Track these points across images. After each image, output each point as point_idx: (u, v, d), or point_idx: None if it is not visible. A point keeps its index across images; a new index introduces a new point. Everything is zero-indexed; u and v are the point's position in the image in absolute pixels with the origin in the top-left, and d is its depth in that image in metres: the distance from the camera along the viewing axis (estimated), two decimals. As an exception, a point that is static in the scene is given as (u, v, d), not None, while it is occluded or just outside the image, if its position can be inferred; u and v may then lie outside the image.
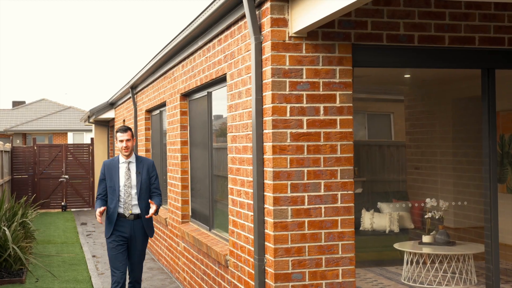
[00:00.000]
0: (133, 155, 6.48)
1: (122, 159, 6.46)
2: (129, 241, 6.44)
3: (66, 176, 20.11)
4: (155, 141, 11.92)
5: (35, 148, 19.98)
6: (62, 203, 20.12)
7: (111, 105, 18.40)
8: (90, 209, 20.32)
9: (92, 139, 20.88)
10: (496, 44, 5.55)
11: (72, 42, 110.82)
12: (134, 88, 13.45)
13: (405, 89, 11.02)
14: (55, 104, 45.49)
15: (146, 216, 6.36)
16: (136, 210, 6.41)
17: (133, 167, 6.44)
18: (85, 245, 12.49)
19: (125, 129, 6.45)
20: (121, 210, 6.38)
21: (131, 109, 14.21)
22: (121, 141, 6.40)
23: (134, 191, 6.38)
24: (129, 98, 14.38)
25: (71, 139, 41.18)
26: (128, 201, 6.36)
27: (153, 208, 6.33)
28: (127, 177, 6.38)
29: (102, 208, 6.30)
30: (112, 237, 6.42)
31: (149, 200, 6.40)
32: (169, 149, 9.72)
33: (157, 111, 11.49)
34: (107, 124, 20.60)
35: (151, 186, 6.48)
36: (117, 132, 6.45)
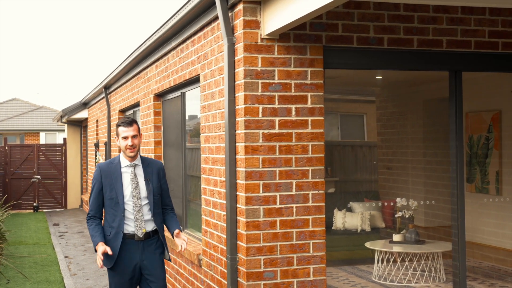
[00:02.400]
0: (139, 156, 4.93)
1: (124, 161, 4.86)
2: (141, 270, 4.83)
3: (38, 177, 19.93)
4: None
5: (6, 148, 19.77)
6: (34, 204, 19.94)
7: (84, 105, 18.30)
8: (62, 209, 20.18)
9: (64, 139, 20.73)
10: (463, 47, 5.69)
11: (45, 41, 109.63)
12: (107, 88, 13.41)
13: (376, 90, 11.18)
14: (26, 104, 44.97)
15: (178, 251, 4.89)
16: (150, 227, 4.86)
17: (140, 172, 4.87)
18: (58, 246, 12.42)
19: (130, 121, 4.85)
20: (130, 229, 4.78)
21: (105, 109, 14.16)
22: (125, 138, 4.80)
23: (144, 203, 4.83)
24: (103, 98, 14.34)
25: (43, 139, 40.76)
26: (140, 217, 4.79)
27: (181, 241, 4.84)
28: (135, 186, 4.80)
29: (104, 248, 4.66)
30: (117, 269, 4.80)
31: (175, 232, 4.89)
32: (143, 149, 9.74)
33: (131, 111, 11.48)
34: (80, 124, 20.48)
35: (163, 199, 5.00)
36: (119, 126, 4.85)
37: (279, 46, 5.27)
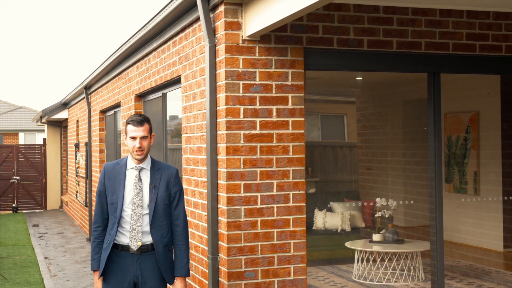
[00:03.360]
0: (149, 159, 4.32)
1: (131, 163, 4.29)
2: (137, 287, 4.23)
3: (17, 177, 19.76)
4: (110, 142, 11.87)
5: (-15, 148, 19.59)
6: (13, 205, 19.76)
7: (65, 105, 18.20)
8: (42, 210, 20.04)
9: (44, 139, 20.59)
10: (441, 49, 5.77)
11: (24, 40, 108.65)
12: (88, 89, 13.36)
13: (357, 91, 11.28)
14: (5, 104, 44.52)
15: None
16: (147, 239, 4.23)
17: (146, 177, 4.27)
18: (37, 247, 12.35)
19: (142, 120, 4.24)
20: (124, 240, 4.22)
21: (85, 109, 14.10)
22: (133, 138, 4.21)
23: (145, 212, 4.22)
24: (83, 98, 14.27)
25: (22, 139, 40.40)
26: (137, 227, 4.20)
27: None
28: (137, 191, 4.22)
29: (100, 285, 4.23)
30: (110, 284, 4.25)
31: (175, 280, 4.27)
32: (124, 149, 9.72)
33: (112, 112, 11.45)
34: (60, 125, 20.35)
35: (171, 211, 4.29)
36: (128, 123, 4.25)
37: (260, 47, 5.31)
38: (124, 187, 4.24)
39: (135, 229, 4.20)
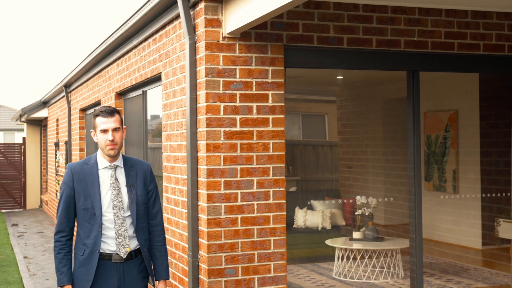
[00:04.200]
0: (120, 156, 3.94)
1: (103, 162, 3.86)
2: None
3: (-3, 177, 19.57)
4: (90, 140, 11.81)
5: (-36, 147, 19.37)
6: (-8, 204, 19.57)
7: (44, 103, 18.05)
8: (21, 210, 19.85)
9: (24, 138, 20.40)
10: (420, 47, 5.82)
11: (3, 39, 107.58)
12: (68, 87, 13.27)
13: (337, 90, 11.33)
14: (-16, 103, 44.07)
15: None
16: (133, 245, 3.86)
17: (122, 175, 3.89)
18: (16, 246, 12.24)
19: (111, 111, 3.85)
20: (109, 248, 3.78)
21: (65, 108, 14.00)
22: (104, 131, 3.81)
23: (127, 214, 3.84)
24: (63, 96, 14.17)
25: (1, 138, 40.02)
26: (123, 232, 3.81)
27: None
28: (116, 193, 3.82)
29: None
30: None
31: (157, 283, 3.98)
32: (104, 148, 9.66)
33: (92, 110, 11.38)
34: (40, 123, 20.19)
35: (149, 210, 3.97)
36: (97, 116, 3.85)
37: (241, 44, 5.31)
38: (99, 190, 3.80)
39: (121, 235, 3.79)
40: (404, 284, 7.46)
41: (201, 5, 5.28)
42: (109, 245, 3.78)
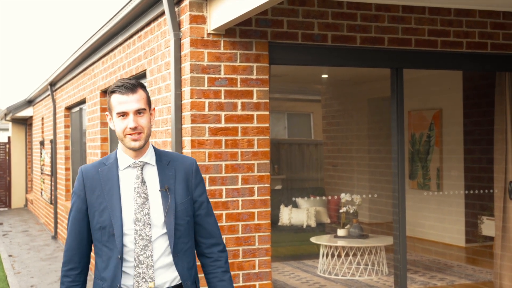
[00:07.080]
0: (150, 149, 2.82)
1: (124, 158, 2.80)
2: None
3: (-19, 176, 19.43)
4: (75, 139, 11.76)
5: None
6: (-23, 204, 19.44)
7: (29, 102, 17.95)
8: (6, 209, 19.73)
9: (9, 137, 20.28)
10: (404, 44, 5.86)
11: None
12: (53, 85, 13.21)
13: (322, 88, 11.37)
14: (-31, 102, 43.72)
15: None
16: (168, 279, 2.72)
17: (152, 175, 2.77)
18: (1, 245, 12.17)
19: (132, 85, 2.68)
20: (125, 282, 2.69)
21: (50, 106, 13.94)
22: (123, 114, 2.70)
23: (159, 233, 2.71)
24: (48, 95, 14.11)
25: (-14, 138, 39.69)
26: (146, 260, 2.67)
27: None
28: (142, 201, 2.70)
29: None
30: None
31: None
32: (89, 146, 9.64)
33: (77, 108, 11.35)
34: (25, 122, 20.08)
35: (197, 222, 2.84)
36: (112, 93, 2.71)
37: (225, 41, 5.33)
38: (120, 198, 2.69)
39: (142, 263, 2.66)
40: (388, 281, 7.51)
41: (186, 2, 5.29)
42: (126, 278, 2.69)
